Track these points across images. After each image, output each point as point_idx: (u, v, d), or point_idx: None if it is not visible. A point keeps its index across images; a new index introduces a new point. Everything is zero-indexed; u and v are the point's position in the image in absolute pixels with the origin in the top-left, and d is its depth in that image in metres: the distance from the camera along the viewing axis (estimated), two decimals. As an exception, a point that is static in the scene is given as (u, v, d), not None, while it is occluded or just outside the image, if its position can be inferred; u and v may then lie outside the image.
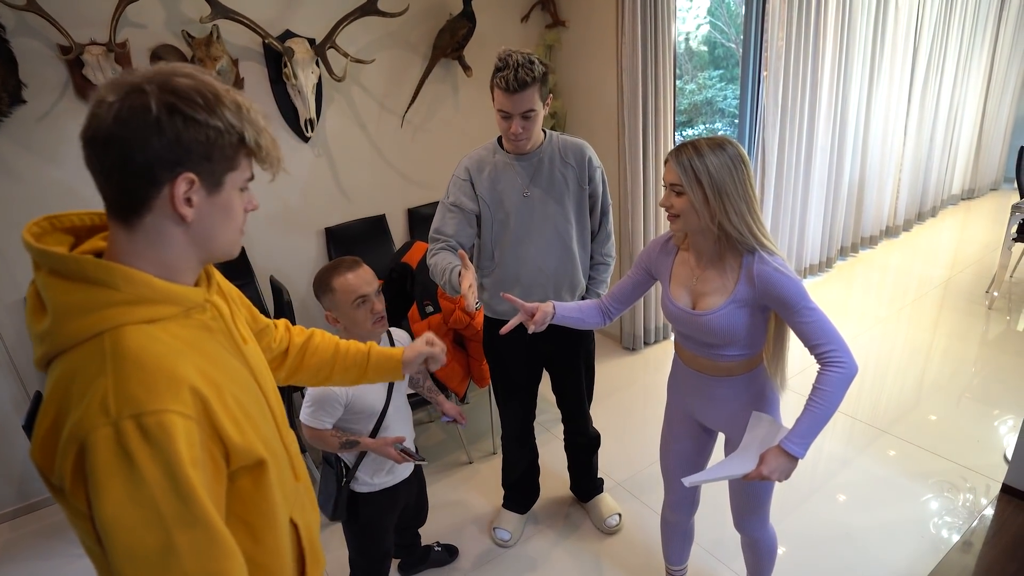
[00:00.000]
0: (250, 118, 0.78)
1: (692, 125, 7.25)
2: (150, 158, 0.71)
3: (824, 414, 1.33)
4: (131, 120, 0.70)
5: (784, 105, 3.75)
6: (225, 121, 0.75)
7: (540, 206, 1.88)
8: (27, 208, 2.39)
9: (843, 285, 4.36)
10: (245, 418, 0.80)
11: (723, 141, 1.35)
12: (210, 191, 0.78)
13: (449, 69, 3.28)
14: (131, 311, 0.74)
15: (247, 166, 0.82)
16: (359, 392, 1.61)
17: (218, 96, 0.75)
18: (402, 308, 2.78)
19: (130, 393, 0.68)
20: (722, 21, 7.15)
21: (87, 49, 2.33)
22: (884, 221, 5.03)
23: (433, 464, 2.78)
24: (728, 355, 1.46)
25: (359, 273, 1.57)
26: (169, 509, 0.68)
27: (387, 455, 1.61)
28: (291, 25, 2.77)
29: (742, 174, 1.34)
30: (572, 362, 2.13)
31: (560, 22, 3.46)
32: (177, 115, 0.72)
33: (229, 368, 0.83)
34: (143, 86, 0.71)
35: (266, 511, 0.84)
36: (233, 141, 0.77)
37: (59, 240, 0.79)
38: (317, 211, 3.09)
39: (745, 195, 1.35)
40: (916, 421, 2.79)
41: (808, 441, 1.32)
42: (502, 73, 1.67)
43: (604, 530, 2.32)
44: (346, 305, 1.56)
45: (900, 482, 2.43)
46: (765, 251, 1.37)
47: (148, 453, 0.67)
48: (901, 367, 3.27)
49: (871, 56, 4.23)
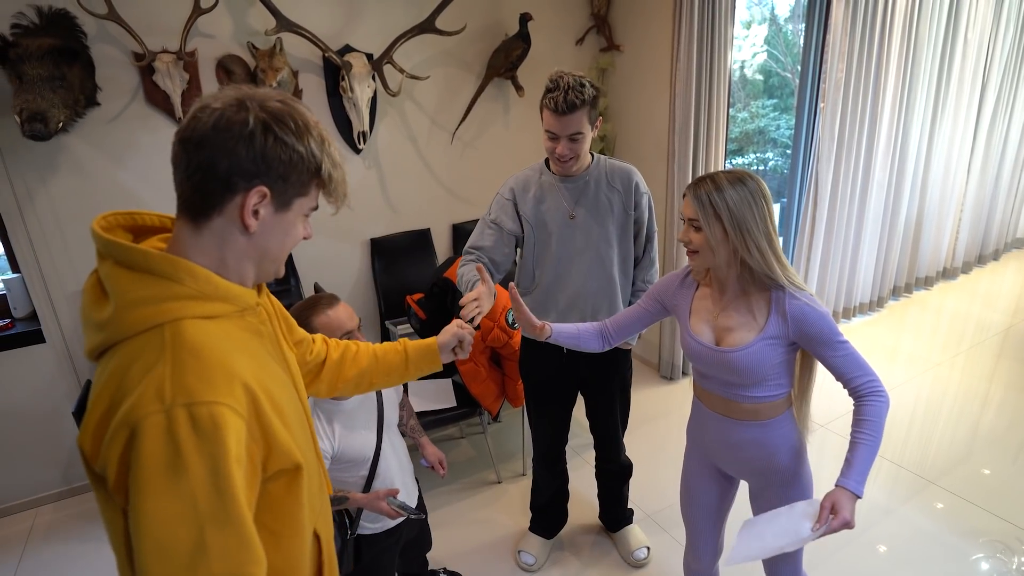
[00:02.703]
0: (330, 152, 0.84)
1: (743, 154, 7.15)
2: (233, 165, 0.76)
3: (875, 446, 1.29)
4: (228, 129, 0.76)
5: (841, 138, 3.66)
6: (308, 149, 0.80)
7: (584, 229, 1.87)
8: (92, 205, 2.51)
9: (894, 326, 4.20)
10: (287, 422, 0.81)
11: (743, 175, 1.32)
12: (278, 209, 0.82)
13: (501, 88, 3.32)
14: (192, 306, 0.76)
15: (315, 196, 0.86)
16: (346, 442, 1.52)
17: (308, 126, 0.81)
18: (441, 323, 2.79)
19: (186, 382, 0.70)
20: (779, 50, 7.06)
21: (159, 57, 2.44)
22: (942, 262, 4.84)
23: (461, 481, 2.77)
24: (753, 396, 1.40)
25: (338, 309, 1.48)
26: (206, 506, 0.68)
27: (379, 510, 1.50)
28: (351, 40, 2.85)
29: (763, 209, 1.30)
30: (607, 388, 2.10)
31: (615, 46, 3.47)
32: (270, 133, 0.77)
33: (274, 372, 0.85)
34: (247, 102, 0.77)
35: (293, 518, 0.84)
36: (311, 168, 0.82)
37: (121, 236, 0.82)
38: (364, 221, 3.15)
39: (765, 231, 1.31)
40: (968, 474, 2.65)
41: (866, 478, 1.26)
42: (552, 94, 1.68)
43: (631, 563, 2.26)
44: None
45: (947, 538, 2.31)
46: (793, 286, 1.33)
47: (195, 444, 0.68)
48: (953, 416, 3.12)
49: (936, 90, 4.09)
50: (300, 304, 1.49)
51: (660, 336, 3.54)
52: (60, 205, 2.48)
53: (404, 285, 3.18)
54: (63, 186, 2.47)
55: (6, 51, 2.11)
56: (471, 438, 3.11)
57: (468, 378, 2.58)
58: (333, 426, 1.51)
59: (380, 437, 1.57)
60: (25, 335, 2.55)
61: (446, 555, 2.32)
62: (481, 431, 3.06)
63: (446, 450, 3.02)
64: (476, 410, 2.64)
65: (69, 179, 2.47)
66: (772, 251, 1.32)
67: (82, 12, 2.28)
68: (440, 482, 2.76)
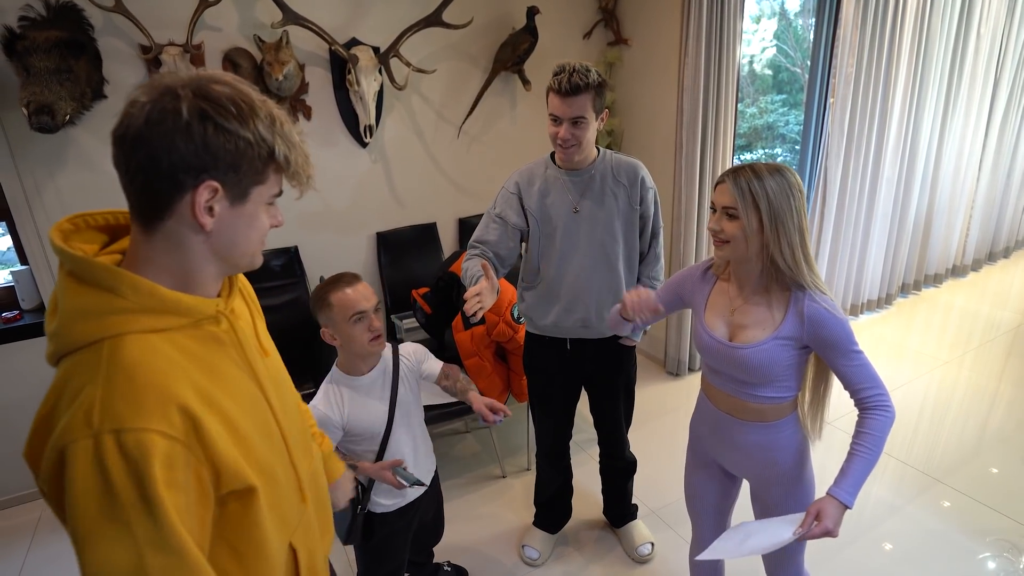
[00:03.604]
0: (283, 132, 0.77)
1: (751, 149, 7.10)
2: (175, 162, 0.70)
3: (873, 460, 1.26)
4: (161, 122, 0.69)
5: (850, 133, 3.63)
6: (256, 133, 0.74)
7: (588, 223, 1.86)
8: (99, 198, 2.52)
9: (903, 324, 4.17)
10: (240, 441, 0.78)
11: (782, 167, 1.29)
12: (234, 202, 0.76)
13: (508, 83, 3.31)
14: (135, 320, 0.72)
15: (276, 181, 0.80)
16: (355, 413, 1.56)
17: (253, 107, 0.74)
18: (447, 317, 2.80)
19: (115, 407, 0.67)
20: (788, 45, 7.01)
21: (165, 49, 2.44)
22: (951, 259, 4.80)
23: (466, 476, 2.77)
24: (761, 396, 1.38)
25: (357, 288, 1.51)
26: (142, 531, 0.66)
27: (384, 479, 1.55)
28: (357, 33, 2.84)
29: (799, 203, 1.28)
30: (611, 383, 2.10)
31: (623, 40, 3.45)
32: (208, 122, 0.71)
33: (234, 385, 0.81)
34: (177, 90, 0.71)
35: (254, 537, 0.82)
36: (263, 154, 0.75)
37: (91, 238, 0.79)
38: (370, 215, 3.15)
39: (799, 226, 1.28)
40: (975, 473, 2.63)
41: (858, 489, 1.25)
42: (557, 76, 1.70)
43: (635, 558, 2.26)
44: (343, 321, 1.49)
45: (954, 537, 2.29)
46: (816, 289, 1.30)
47: (124, 470, 0.66)
48: (961, 414, 3.09)
49: (947, 86, 4.05)
50: (327, 280, 1.53)
51: (666, 332, 3.53)
52: (68, 198, 2.49)
53: (410, 279, 3.18)
54: (71, 179, 2.48)
55: (13, 43, 2.11)
56: (476, 433, 3.11)
57: (473, 373, 2.58)
58: (343, 398, 1.56)
59: (392, 414, 1.60)
60: (33, 327, 2.57)
61: (451, 549, 2.33)
62: (486, 426, 3.06)
63: (451, 444, 3.02)
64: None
65: (76, 172, 2.48)
66: (803, 249, 1.29)
67: (89, 5, 2.28)
68: (445, 476, 2.76)
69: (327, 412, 1.53)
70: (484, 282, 1.61)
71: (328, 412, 1.53)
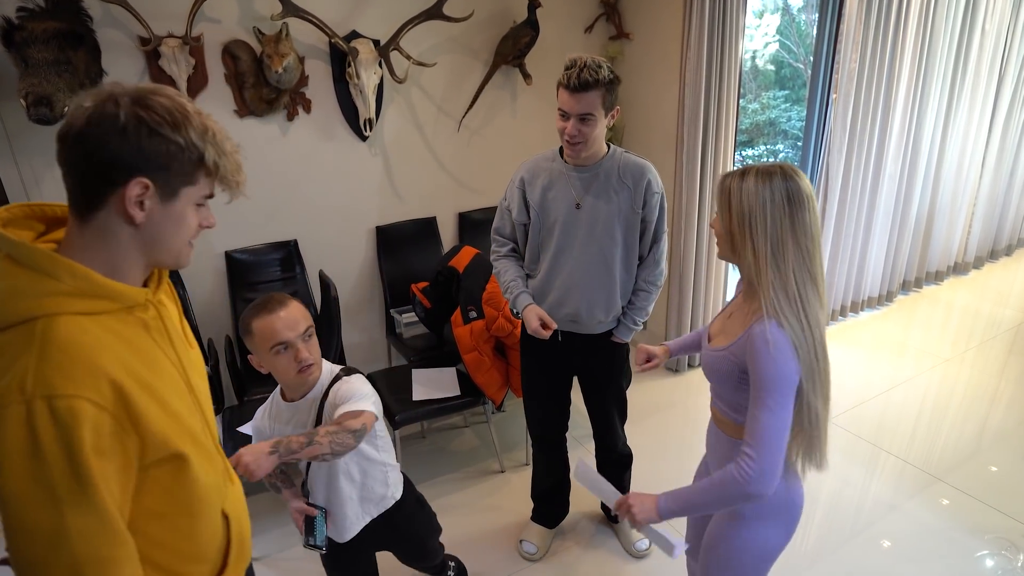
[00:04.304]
0: (215, 142, 0.85)
1: (753, 145, 7.09)
2: (110, 159, 0.78)
3: (699, 500, 1.22)
4: (100, 124, 0.77)
5: (853, 129, 3.61)
6: (187, 139, 0.81)
7: (588, 220, 1.85)
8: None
9: (903, 321, 4.16)
10: (168, 414, 0.85)
11: (780, 171, 1.17)
12: (164, 199, 0.83)
13: (509, 76, 3.29)
14: (69, 302, 0.79)
15: (207, 184, 0.87)
16: (277, 432, 1.46)
17: (187, 117, 0.82)
18: (446, 312, 2.79)
19: (47, 376, 0.73)
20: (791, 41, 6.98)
21: (164, 41, 2.43)
22: (953, 256, 4.78)
23: (464, 470, 2.77)
24: (724, 410, 1.33)
25: (281, 316, 1.34)
26: (65, 492, 0.73)
27: (293, 519, 1.51)
28: (357, 26, 2.83)
29: (782, 213, 1.15)
30: (600, 377, 2.10)
31: (624, 34, 3.43)
32: (143, 126, 0.78)
33: (159, 366, 0.88)
34: (118, 98, 0.79)
35: (186, 502, 0.90)
36: (192, 158, 0.83)
37: (30, 226, 0.86)
38: (369, 209, 3.14)
39: (775, 237, 1.15)
40: (974, 471, 2.63)
41: (674, 508, 1.24)
42: (568, 71, 1.68)
43: (632, 553, 2.26)
44: (265, 351, 1.35)
45: (953, 535, 2.29)
46: (776, 315, 1.15)
47: (53, 434, 0.72)
48: (961, 412, 3.09)
49: (951, 82, 4.03)
50: (253, 303, 1.39)
51: (666, 328, 3.52)
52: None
53: (409, 273, 3.17)
54: (69, 171, 2.47)
55: (12, 34, 2.10)
56: (475, 427, 3.11)
57: (472, 367, 2.58)
58: (270, 416, 1.51)
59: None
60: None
61: (448, 543, 2.32)
62: (485, 420, 3.06)
63: (450, 439, 3.02)
64: (480, 399, 2.63)
65: (75, 164, 2.47)
66: (772, 262, 1.16)
67: (88, -4, 2.27)
68: (444, 470, 2.76)
69: (261, 421, 1.49)
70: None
71: (261, 423, 1.49)
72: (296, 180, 2.92)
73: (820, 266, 1.20)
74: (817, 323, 1.18)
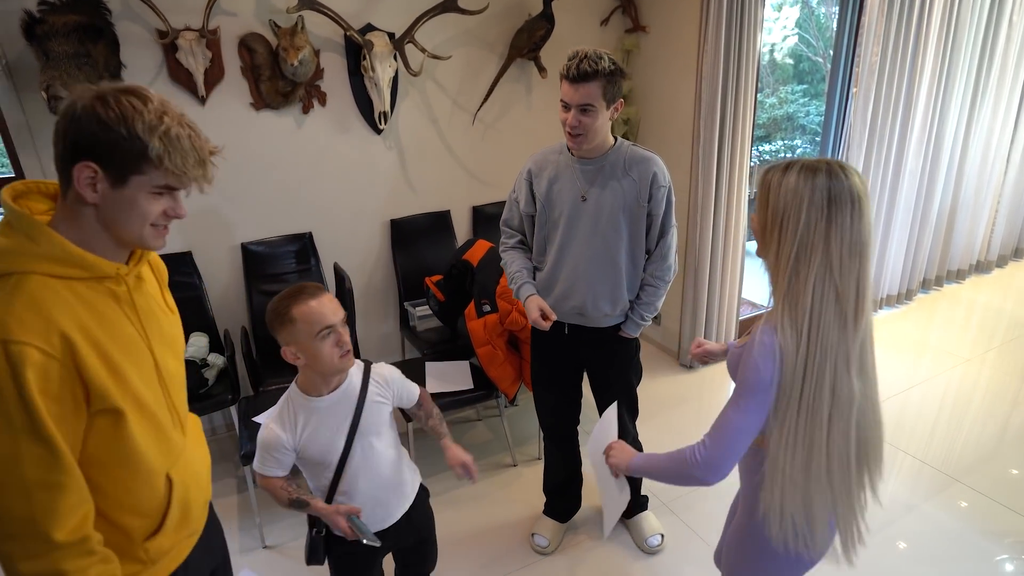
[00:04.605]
0: (167, 137, 0.92)
1: (770, 140, 7.00)
2: (68, 144, 0.90)
3: (660, 467, 1.30)
4: (65, 114, 0.91)
5: (873, 124, 3.55)
6: (131, 132, 0.90)
7: (593, 213, 1.85)
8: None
9: (923, 320, 4.10)
10: (113, 372, 0.96)
11: (823, 166, 1.07)
12: (114, 184, 0.93)
13: (524, 69, 3.28)
14: (43, 264, 0.91)
15: (159, 176, 0.94)
16: (311, 436, 1.42)
17: (139, 113, 0.91)
18: (460, 305, 2.79)
19: (7, 323, 0.86)
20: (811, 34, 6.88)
21: (181, 34, 2.45)
22: (975, 255, 4.70)
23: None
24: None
25: (323, 300, 1.36)
26: (19, 422, 0.85)
27: (336, 525, 1.42)
28: (372, 19, 2.83)
29: (817, 215, 1.05)
30: (608, 372, 2.10)
31: (640, 27, 3.40)
32: (92, 116, 0.89)
33: (119, 331, 0.99)
34: (87, 93, 0.91)
35: (123, 455, 1.00)
36: (135, 149, 0.91)
37: (39, 200, 1.00)
38: (384, 203, 3.15)
39: (804, 243, 1.06)
40: (994, 473, 2.58)
41: (642, 468, 1.34)
42: (569, 62, 1.69)
43: (645, 549, 2.25)
44: (309, 338, 1.33)
45: (971, 538, 2.25)
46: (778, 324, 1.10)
47: (7, 372, 0.84)
48: (981, 413, 3.03)
49: (976, 75, 3.94)
50: (284, 292, 1.38)
51: (680, 325, 3.50)
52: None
53: (423, 267, 3.18)
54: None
55: (33, 28, 2.12)
56: (488, 421, 3.12)
57: (485, 361, 2.58)
58: (298, 420, 1.42)
59: (350, 443, 1.44)
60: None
61: (460, 535, 2.34)
62: (498, 414, 3.06)
63: (462, 432, 3.03)
64: (493, 393, 2.63)
65: (94, 156, 2.50)
66: (793, 269, 1.07)
67: (107, -11, 2.30)
68: (455, 464, 2.76)
69: (279, 432, 1.40)
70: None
71: (280, 432, 1.40)
72: (311, 173, 2.93)
73: (854, 282, 1.07)
74: (830, 346, 1.07)
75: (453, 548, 2.27)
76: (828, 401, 1.10)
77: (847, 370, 1.10)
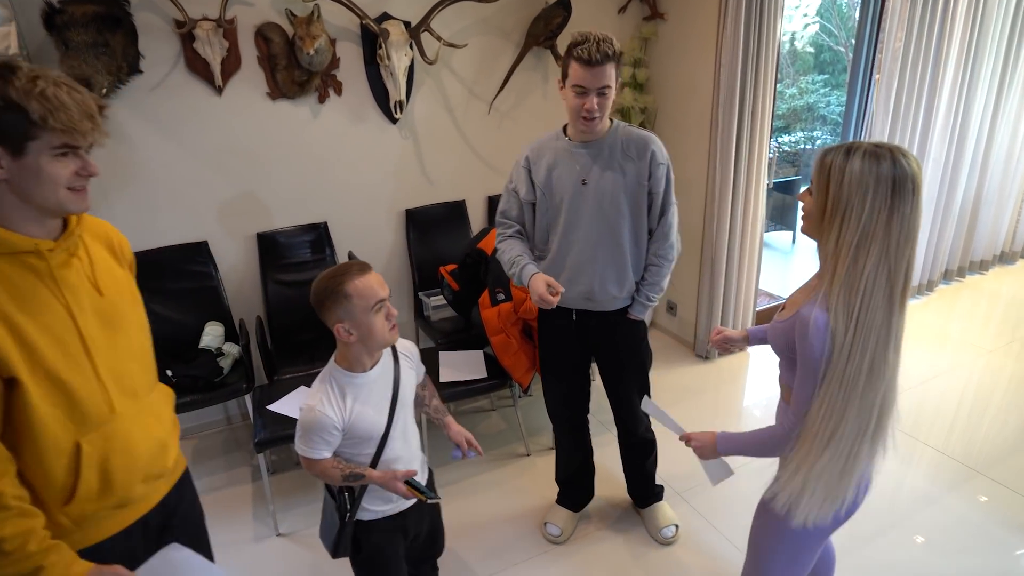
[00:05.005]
0: (43, 97, 0.93)
1: (789, 131, 6.91)
2: None
3: (750, 443, 1.34)
4: None
5: (896, 112, 3.49)
6: (8, 101, 0.92)
7: (595, 196, 1.84)
8: (135, 171, 2.56)
9: (945, 311, 4.03)
10: (19, 343, 0.99)
11: (887, 152, 1.06)
12: (14, 155, 0.95)
13: (541, 58, 3.25)
14: None
15: (53, 136, 0.96)
16: (359, 412, 1.43)
17: (6, 82, 0.92)
18: (474, 294, 2.79)
19: None
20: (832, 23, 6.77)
21: (199, 24, 2.46)
22: (999, 245, 4.61)
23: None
24: (787, 384, 1.32)
25: (372, 275, 1.41)
26: None
27: (395, 490, 1.44)
28: (388, 7, 2.82)
29: (882, 203, 1.05)
30: (617, 356, 2.08)
31: (658, 15, 3.36)
32: None
33: (40, 307, 1.03)
34: None
35: (25, 423, 1.02)
36: (18, 117, 0.93)
37: None
38: (399, 192, 3.15)
39: (866, 231, 1.06)
40: (1017, 466, 2.54)
41: (730, 448, 1.38)
42: (583, 46, 1.66)
43: (659, 540, 2.24)
44: (364, 312, 1.37)
45: (992, 530, 2.22)
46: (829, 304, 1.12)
47: None
48: (1004, 405, 2.98)
49: (1003, 62, 3.85)
50: (331, 270, 1.41)
51: (696, 315, 3.47)
52: (104, 171, 2.51)
53: (438, 256, 3.18)
54: (107, 152, 2.52)
55: (53, 17, 2.15)
56: (501, 410, 3.12)
57: (499, 350, 2.58)
58: (346, 399, 1.43)
59: (392, 416, 1.48)
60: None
61: (473, 524, 2.35)
62: (511, 404, 3.06)
63: (476, 421, 3.04)
64: (507, 382, 2.63)
65: (113, 146, 2.52)
66: (853, 256, 1.08)
67: (125, -22, 2.31)
68: (470, 453, 2.77)
69: (327, 413, 1.39)
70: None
71: (329, 413, 1.39)
72: (327, 162, 2.94)
73: (904, 265, 1.09)
74: (875, 327, 1.10)
75: (467, 537, 2.28)
76: (865, 375, 1.13)
77: (886, 348, 1.13)
